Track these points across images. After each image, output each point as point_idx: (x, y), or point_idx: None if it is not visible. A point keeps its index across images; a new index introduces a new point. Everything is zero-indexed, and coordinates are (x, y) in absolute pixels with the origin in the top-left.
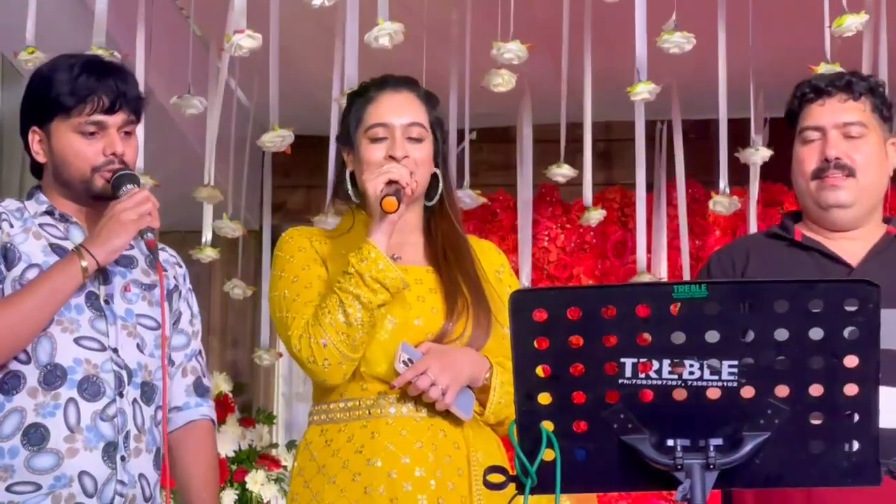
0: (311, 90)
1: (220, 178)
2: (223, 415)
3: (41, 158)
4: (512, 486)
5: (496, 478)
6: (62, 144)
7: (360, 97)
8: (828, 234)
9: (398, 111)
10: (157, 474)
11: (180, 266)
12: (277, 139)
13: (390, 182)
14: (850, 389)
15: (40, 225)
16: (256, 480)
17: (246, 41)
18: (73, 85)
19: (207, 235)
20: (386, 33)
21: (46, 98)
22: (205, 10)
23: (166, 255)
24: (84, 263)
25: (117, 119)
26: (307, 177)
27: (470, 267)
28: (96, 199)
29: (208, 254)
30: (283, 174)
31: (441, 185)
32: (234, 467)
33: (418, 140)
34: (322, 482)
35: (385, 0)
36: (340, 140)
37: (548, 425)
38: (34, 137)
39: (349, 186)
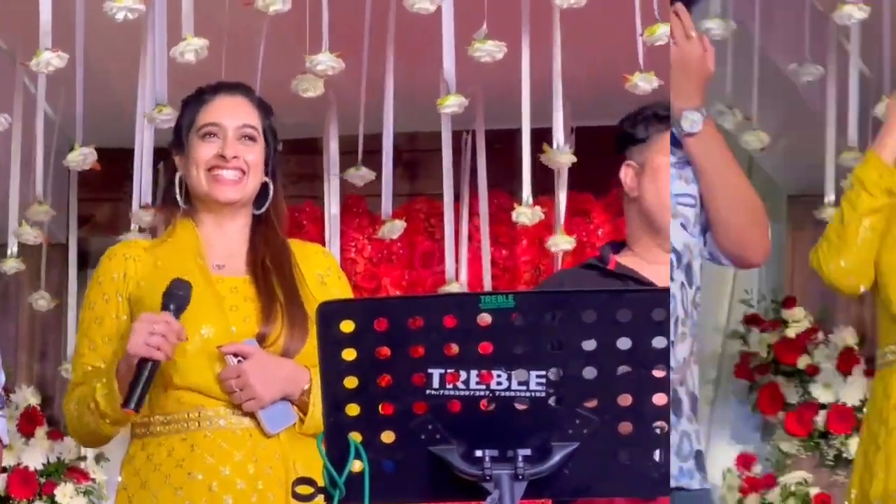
0: (118, 102)
1: (24, 191)
2: (32, 428)
3: None
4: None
5: (305, 489)
6: None
7: (194, 101)
8: (650, 258)
9: (231, 113)
10: None
11: None
12: (80, 158)
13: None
14: (660, 399)
15: None
16: (65, 493)
17: (55, 61)
18: None
19: (13, 247)
20: (192, 49)
21: None
22: (8, 22)
23: None
24: None
25: None
26: (113, 190)
27: (287, 272)
28: None
29: (12, 265)
30: (90, 188)
31: (270, 194)
32: (42, 480)
33: (251, 140)
34: (145, 497)
35: (190, 16)
36: (173, 145)
37: (356, 436)
38: None
39: (177, 191)
